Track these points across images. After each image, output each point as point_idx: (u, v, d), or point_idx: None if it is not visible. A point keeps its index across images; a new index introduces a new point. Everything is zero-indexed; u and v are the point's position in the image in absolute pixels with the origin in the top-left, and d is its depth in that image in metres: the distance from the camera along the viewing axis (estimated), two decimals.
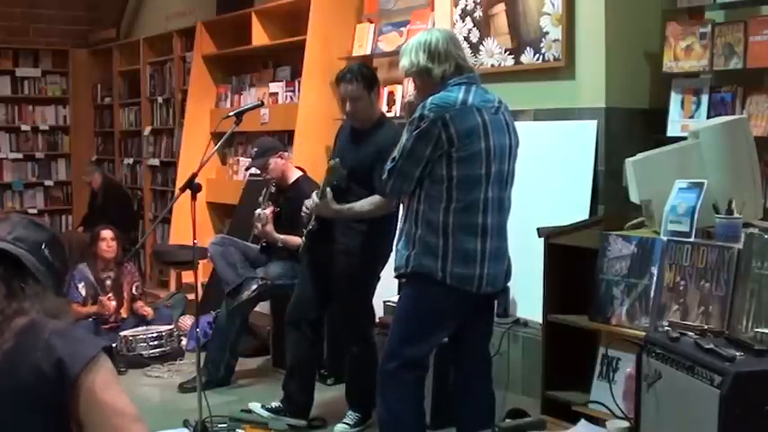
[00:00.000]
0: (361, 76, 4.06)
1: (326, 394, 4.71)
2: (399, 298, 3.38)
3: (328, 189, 3.92)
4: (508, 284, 3.44)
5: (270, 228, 4.82)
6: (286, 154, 5.05)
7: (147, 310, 5.96)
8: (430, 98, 3.13)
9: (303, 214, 4.19)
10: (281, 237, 4.80)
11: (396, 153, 3.19)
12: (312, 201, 4.00)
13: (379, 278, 4.28)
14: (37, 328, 1.62)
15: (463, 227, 3.13)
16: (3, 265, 1.69)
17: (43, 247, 1.76)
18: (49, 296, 1.71)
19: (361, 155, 4.02)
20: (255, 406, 4.44)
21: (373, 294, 4.33)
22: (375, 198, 3.90)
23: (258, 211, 4.90)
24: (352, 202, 3.98)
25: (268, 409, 4.38)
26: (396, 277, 3.32)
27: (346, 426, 4.26)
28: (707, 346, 2.43)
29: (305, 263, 4.37)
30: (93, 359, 1.60)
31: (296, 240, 4.60)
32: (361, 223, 4.05)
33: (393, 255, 3.43)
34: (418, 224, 3.18)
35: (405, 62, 3.26)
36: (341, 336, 4.37)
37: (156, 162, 8.48)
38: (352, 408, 4.31)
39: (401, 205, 4.57)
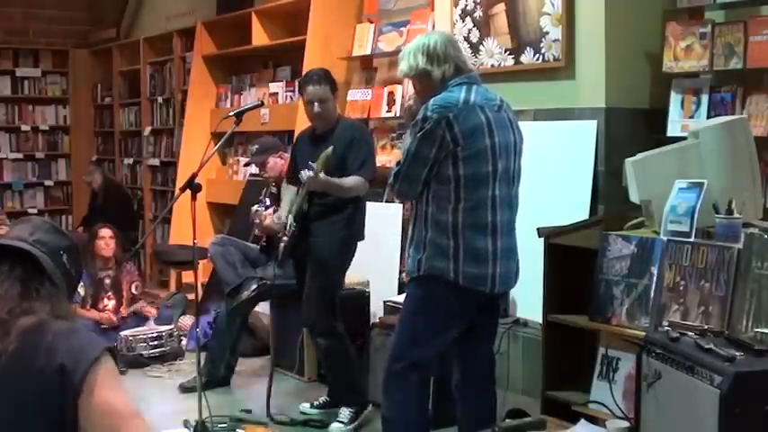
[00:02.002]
0: (327, 79, 4.27)
1: (322, 394, 4.69)
2: (406, 298, 3.35)
3: (321, 169, 4.05)
4: None
5: (269, 222, 4.84)
6: (286, 155, 5.06)
7: (151, 311, 5.97)
8: (432, 99, 3.13)
9: (275, 222, 4.45)
10: (281, 234, 4.81)
11: (401, 156, 3.20)
12: (305, 174, 4.11)
13: (344, 270, 4.37)
14: (41, 330, 1.62)
15: (473, 226, 3.12)
16: (22, 266, 1.71)
17: (62, 252, 1.78)
18: (61, 300, 1.73)
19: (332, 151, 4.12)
20: (305, 407, 4.54)
21: (340, 287, 4.40)
22: (356, 178, 4.15)
23: (255, 207, 4.91)
24: (328, 198, 4.18)
25: (317, 406, 4.51)
26: (408, 282, 3.31)
27: (341, 424, 4.27)
28: (707, 346, 2.43)
29: (297, 270, 4.47)
30: (94, 362, 1.60)
31: None
32: (336, 213, 4.22)
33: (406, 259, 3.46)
34: (427, 226, 3.17)
35: (403, 66, 3.27)
36: (309, 330, 4.41)
37: (156, 162, 8.49)
38: (344, 404, 4.32)
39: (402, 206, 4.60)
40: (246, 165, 6.26)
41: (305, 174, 4.10)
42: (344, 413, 4.30)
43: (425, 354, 3.26)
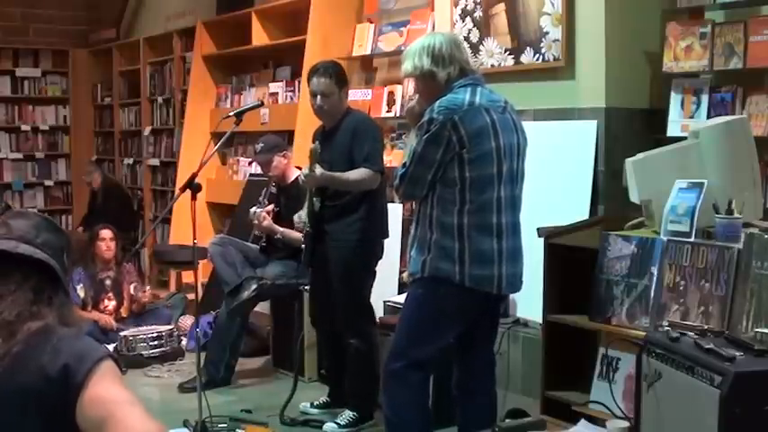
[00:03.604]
0: (333, 72, 4.20)
1: (323, 394, 4.69)
2: (407, 298, 3.34)
3: (316, 164, 4.03)
4: None
5: (268, 223, 4.83)
6: (290, 154, 5.07)
7: (145, 294, 6.00)
8: (437, 102, 3.12)
9: (296, 223, 4.41)
10: (281, 229, 4.82)
11: (406, 158, 3.19)
12: (302, 174, 4.10)
13: (374, 272, 4.32)
14: (47, 333, 1.62)
15: (478, 227, 3.12)
16: (37, 277, 1.69)
17: (63, 252, 1.77)
18: (70, 309, 1.73)
19: (338, 144, 4.12)
20: (305, 406, 4.53)
21: (369, 289, 4.35)
22: (361, 170, 4.07)
23: (253, 209, 4.91)
24: (336, 193, 4.14)
25: (317, 406, 4.51)
26: (412, 283, 3.30)
27: (335, 425, 4.26)
28: (707, 346, 2.43)
29: (312, 277, 4.44)
30: (97, 363, 1.59)
31: (295, 234, 4.66)
32: (351, 214, 4.16)
33: (406, 259, 3.46)
34: (432, 228, 3.16)
35: (408, 66, 3.24)
36: (341, 331, 4.38)
37: (156, 162, 8.49)
38: (349, 407, 4.31)
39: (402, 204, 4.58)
40: (251, 163, 6.25)
41: (302, 173, 4.09)
42: (346, 415, 4.28)
43: (424, 354, 3.26)
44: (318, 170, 4.01)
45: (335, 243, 4.20)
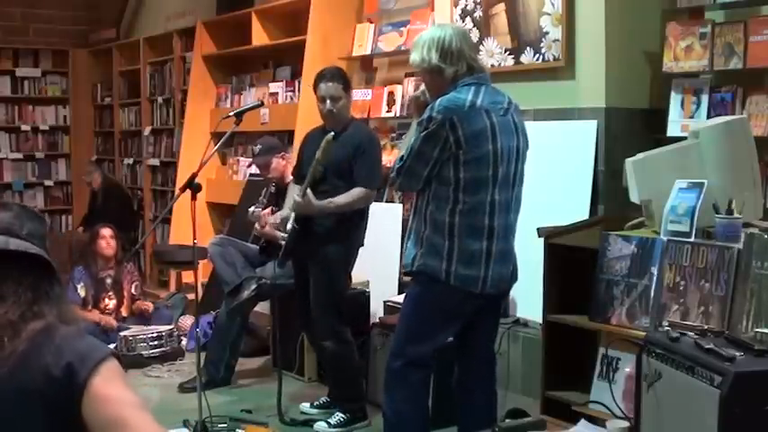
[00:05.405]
0: (340, 78, 4.24)
1: (322, 394, 4.69)
2: (405, 297, 3.38)
3: (308, 189, 3.98)
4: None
5: (269, 229, 4.83)
6: (288, 155, 5.07)
7: (147, 304, 5.99)
8: (438, 99, 3.12)
9: (274, 222, 4.42)
10: (281, 234, 4.81)
11: (404, 152, 3.20)
12: (293, 201, 4.05)
13: (348, 273, 4.32)
14: (50, 333, 1.62)
15: (469, 228, 3.13)
16: (33, 272, 1.68)
17: (46, 240, 1.76)
18: (65, 301, 1.72)
19: (337, 153, 4.08)
20: (305, 406, 4.53)
21: (346, 291, 4.36)
22: (355, 191, 4.09)
23: (252, 208, 4.90)
24: (328, 195, 4.10)
25: (317, 406, 4.50)
26: (404, 275, 3.33)
27: (326, 425, 4.27)
28: (707, 346, 2.43)
29: (296, 271, 4.42)
30: (101, 362, 1.59)
31: None
32: (336, 216, 4.14)
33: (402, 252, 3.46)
34: (426, 224, 3.19)
35: (415, 57, 3.23)
36: (314, 332, 4.40)
37: (156, 162, 8.48)
38: (339, 409, 4.32)
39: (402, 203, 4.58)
40: (249, 166, 6.24)
41: (295, 198, 4.04)
42: (337, 417, 4.29)
43: (423, 352, 3.27)
44: (310, 194, 3.96)
45: (321, 242, 4.18)
